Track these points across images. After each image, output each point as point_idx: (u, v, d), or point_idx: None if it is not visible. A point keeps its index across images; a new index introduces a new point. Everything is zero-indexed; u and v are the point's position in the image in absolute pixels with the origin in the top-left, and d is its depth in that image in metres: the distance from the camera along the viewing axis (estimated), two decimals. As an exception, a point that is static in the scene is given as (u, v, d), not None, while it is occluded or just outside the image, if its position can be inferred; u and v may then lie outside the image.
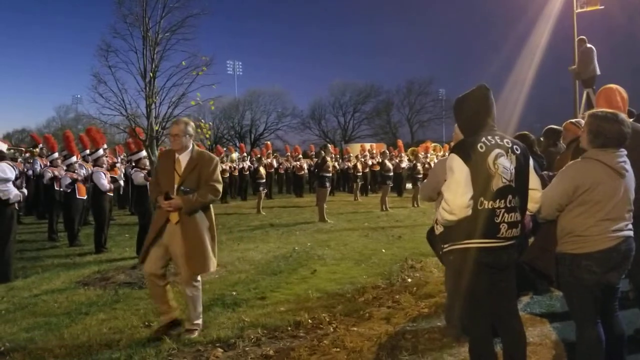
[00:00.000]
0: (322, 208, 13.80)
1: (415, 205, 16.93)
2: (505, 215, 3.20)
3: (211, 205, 5.11)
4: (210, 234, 5.03)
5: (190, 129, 5.01)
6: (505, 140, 3.30)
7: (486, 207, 3.18)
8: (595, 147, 3.44)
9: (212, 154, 5.16)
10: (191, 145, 5.02)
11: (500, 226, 3.19)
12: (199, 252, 4.86)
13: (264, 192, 17.09)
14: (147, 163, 9.62)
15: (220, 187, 5.01)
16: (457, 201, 3.19)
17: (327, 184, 14.28)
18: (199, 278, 5.07)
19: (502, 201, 3.19)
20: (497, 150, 3.22)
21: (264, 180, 17.09)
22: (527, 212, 3.45)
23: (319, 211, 13.86)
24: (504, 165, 3.20)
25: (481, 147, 3.22)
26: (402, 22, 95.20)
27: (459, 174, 3.21)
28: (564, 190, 3.41)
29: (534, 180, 3.41)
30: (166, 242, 4.92)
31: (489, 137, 3.26)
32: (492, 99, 3.40)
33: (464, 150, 3.26)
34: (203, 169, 4.90)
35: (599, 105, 4.49)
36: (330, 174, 15.02)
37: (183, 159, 4.95)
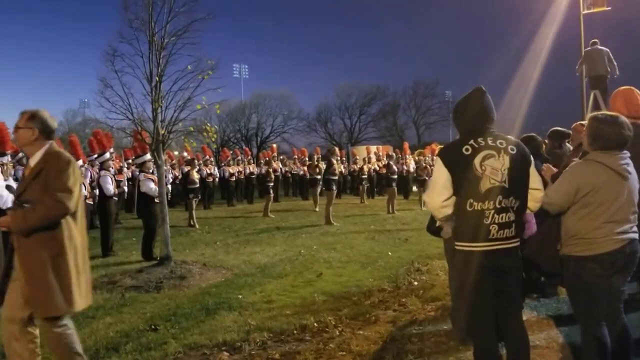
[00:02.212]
0: (329, 211, 13.82)
1: (422, 208, 16.85)
2: (495, 216, 3.21)
3: (67, 224, 3.65)
4: (59, 263, 3.61)
5: (39, 124, 3.74)
6: (499, 141, 3.31)
7: (476, 208, 3.22)
8: (595, 149, 3.45)
9: (65, 155, 3.78)
10: (46, 145, 3.76)
11: (490, 227, 3.21)
12: (38, 288, 3.59)
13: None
14: (151, 166, 9.65)
15: (66, 198, 3.56)
16: (432, 202, 3.35)
17: (334, 187, 14.29)
18: (62, 321, 3.76)
19: (491, 202, 3.20)
20: (485, 152, 3.24)
21: (273, 184, 17.22)
22: (528, 211, 3.46)
23: (326, 214, 13.87)
24: (493, 167, 3.22)
25: (467, 150, 3.26)
26: (408, 24, 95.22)
27: (437, 176, 3.33)
28: (565, 191, 3.42)
29: (535, 180, 3.41)
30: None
31: (479, 139, 3.29)
32: (489, 101, 3.44)
33: (447, 153, 3.37)
34: (49, 175, 3.63)
35: (616, 106, 4.47)
36: (337, 177, 15.05)
37: (32, 162, 3.79)
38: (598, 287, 3.37)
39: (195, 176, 14.97)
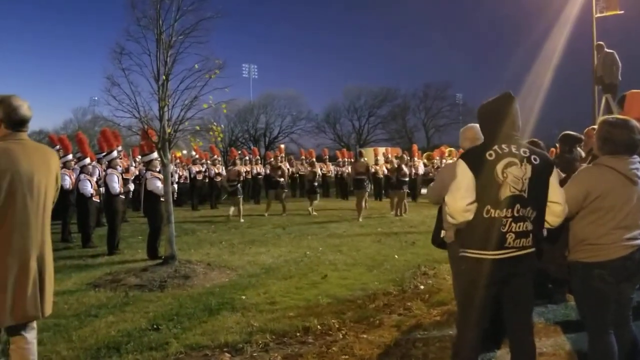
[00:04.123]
0: (361, 207, 15.22)
1: (391, 213, 16.58)
2: (513, 224, 3.11)
3: None
4: None
5: (2, 112, 3.37)
6: (522, 150, 3.20)
7: (493, 215, 3.12)
8: (605, 153, 3.40)
9: None
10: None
11: (507, 236, 3.12)
12: None
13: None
14: (158, 165, 9.63)
15: None
16: (455, 205, 3.18)
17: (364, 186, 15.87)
18: None
19: (509, 210, 3.11)
20: (508, 159, 3.14)
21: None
22: (547, 225, 3.31)
23: (357, 210, 15.24)
24: (515, 175, 3.12)
25: (490, 155, 3.16)
26: (418, 26, 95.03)
27: (460, 178, 3.19)
28: (574, 196, 3.35)
29: (555, 193, 3.25)
30: None
31: (503, 146, 3.19)
32: (516, 107, 3.32)
33: (471, 157, 3.25)
34: None
35: (633, 109, 4.40)
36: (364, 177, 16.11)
37: None
38: (606, 293, 3.31)
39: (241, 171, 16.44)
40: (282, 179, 17.46)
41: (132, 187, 14.43)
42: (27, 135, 3.52)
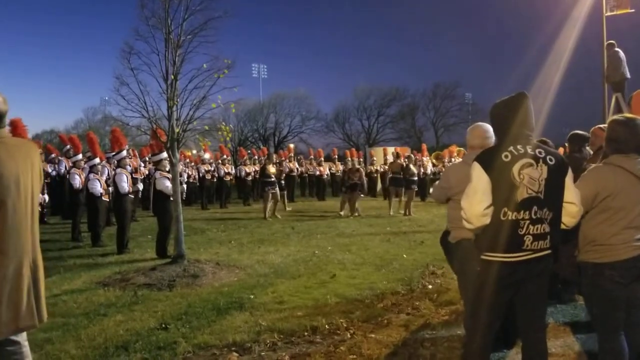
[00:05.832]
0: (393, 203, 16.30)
1: (355, 214, 16.46)
2: (530, 226, 3.07)
3: None
4: None
5: None
6: (537, 150, 3.16)
7: (510, 217, 3.07)
8: (613, 152, 3.38)
9: None
10: None
11: (525, 238, 3.07)
12: None
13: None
14: (167, 165, 9.65)
15: None
16: (472, 209, 3.12)
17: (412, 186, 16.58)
18: None
19: (527, 212, 3.06)
20: (524, 160, 3.10)
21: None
22: (563, 226, 3.26)
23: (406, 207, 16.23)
24: (531, 176, 3.07)
25: (506, 157, 3.11)
26: (428, 26, 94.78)
27: (476, 182, 3.14)
28: (583, 195, 3.30)
29: (571, 194, 3.21)
30: None
31: (519, 147, 3.14)
32: (530, 107, 3.27)
33: (486, 159, 3.18)
34: None
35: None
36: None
37: None
38: (616, 295, 3.28)
39: (272, 170, 15.79)
40: (281, 179, 17.33)
41: (141, 186, 14.50)
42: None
